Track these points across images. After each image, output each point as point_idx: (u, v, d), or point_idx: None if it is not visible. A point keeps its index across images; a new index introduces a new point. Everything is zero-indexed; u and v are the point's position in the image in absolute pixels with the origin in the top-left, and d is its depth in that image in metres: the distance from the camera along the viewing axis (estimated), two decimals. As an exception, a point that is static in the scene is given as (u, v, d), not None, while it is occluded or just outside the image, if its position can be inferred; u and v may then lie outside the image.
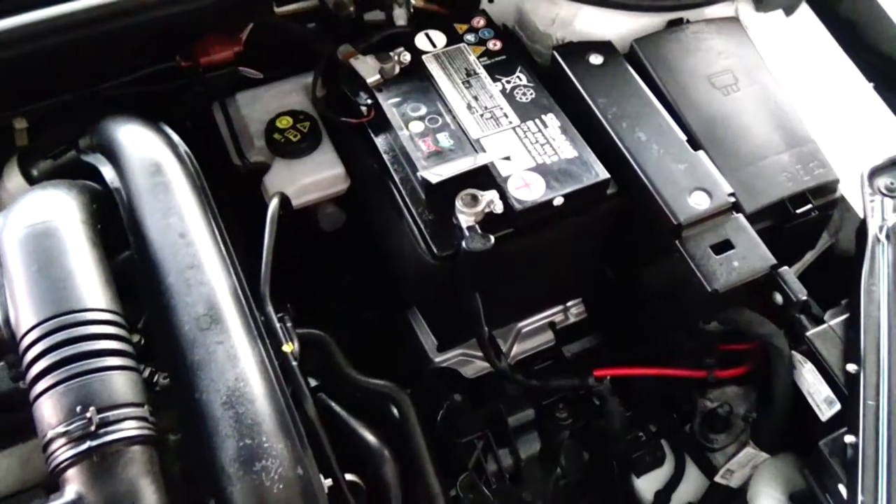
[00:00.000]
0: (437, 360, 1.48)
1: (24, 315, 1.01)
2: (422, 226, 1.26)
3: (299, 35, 1.50)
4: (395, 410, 1.33)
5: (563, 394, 1.48)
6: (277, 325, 1.15)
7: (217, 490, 0.97)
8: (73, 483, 0.92)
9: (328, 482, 1.07)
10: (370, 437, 1.26)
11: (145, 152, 1.21)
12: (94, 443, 0.92)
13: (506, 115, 1.35)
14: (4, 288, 1.04)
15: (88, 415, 0.92)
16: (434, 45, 1.46)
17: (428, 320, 1.48)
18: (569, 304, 1.56)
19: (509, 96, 1.38)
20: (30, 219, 1.09)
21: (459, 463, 1.41)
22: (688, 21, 1.53)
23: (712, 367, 1.42)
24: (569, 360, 1.53)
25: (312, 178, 1.44)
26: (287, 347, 1.13)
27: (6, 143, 1.47)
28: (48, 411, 0.94)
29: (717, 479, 1.46)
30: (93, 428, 0.92)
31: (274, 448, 0.99)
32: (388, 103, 1.36)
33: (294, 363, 1.12)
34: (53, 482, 0.96)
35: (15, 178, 1.34)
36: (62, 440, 0.92)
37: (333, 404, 1.32)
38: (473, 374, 1.50)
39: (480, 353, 1.48)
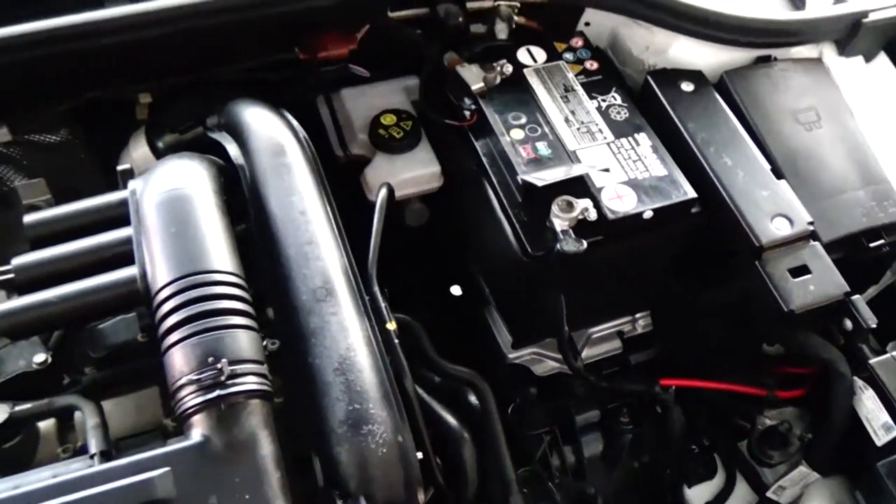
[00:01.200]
0: (511, 356, 1.54)
1: (161, 272, 1.07)
2: (517, 226, 1.32)
3: (410, 39, 1.57)
4: (471, 398, 1.39)
5: (629, 399, 1.53)
6: (382, 304, 1.21)
7: (325, 448, 1.03)
8: (199, 427, 0.98)
9: (419, 455, 1.13)
10: (451, 419, 1.31)
11: (270, 134, 1.28)
12: (223, 392, 0.98)
13: (601, 131, 1.41)
14: (143, 245, 1.11)
15: (219, 366, 0.99)
16: (535, 60, 1.53)
17: (505, 318, 1.54)
18: (637, 315, 1.61)
19: (604, 113, 1.44)
20: (168, 185, 1.16)
21: (523, 454, 1.46)
22: (775, 59, 1.58)
23: (772, 386, 1.47)
24: (633, 368, 1.58)
25: (411, 173, 1.51)
26: (390, 325, 1.20)
27: (129, 117, 1.57)
28: (180, 360, 1.01)
29: (769, 494, 1.51)
30: (223, 378, 0.98)
31: (379, 415, 1.05)
32: (491, 110, 1.43)
33: (396, 340, 1.19)
34: (178, 426, 1.04)
35: (141, 148, 1.43)
36: (192, 387, 0.98)
37: (416, 386, 1.37)
38: (543, 373, 1.56)
39: (551, 353, 1.55)
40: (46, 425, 1.17)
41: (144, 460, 0.97)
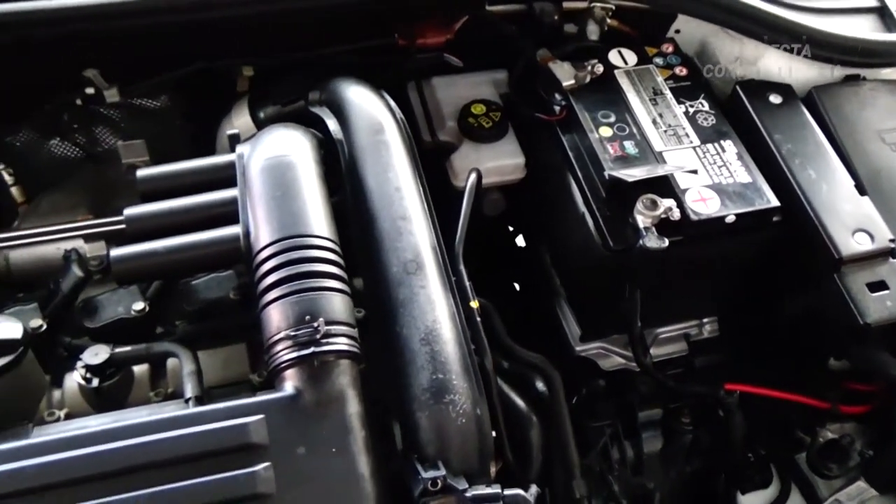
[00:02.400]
0: (578, 349, 1.55)
1: (264, 232, 1.11)
2: (600, 220, 1.34)
3: (505, 33, 1.59)
4: (538, 384, 1.41)
5: (692, 400, 1.54)
6: (467, 283, 1.24)
7: (407, 414, 1.06)
8: (291, 381, 1.01)
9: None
10: (519, 402, 1.33)
11: (371, 113, 1.32)
12: (317, 349, 1.01)
13: (687, 135, 1.42)
14: (248, 207, 1.15)
15: (316, 324, 1.02)
16: (625, 62, 1.54)
17: (575, 311, 1.55)
18: (704, 319, 1.62)
19: (691, 119, 1.45)
20: (274, 151, 1.20)
21: (583, 445, 1.47)
22: (864, 78, 1.58)
23: (836, 400, 1.46)
24: (697, 371, 1.58)
25: (496, 163, 1.54)
26: (474, 304, 1.22)
27: (227, 88, 1.62)
28: (277, 317, 1.04)
29: (825, 505, 1.50)
30: (318, 336, 1.02)
31: (460, 386, 1.07)
32: (581, 107, 1.45)
33: (478, 319, 1.21)
34: (268, 380, 1.07)
35: (243, 117, 1.47)
36: (288, 343, 1.02)
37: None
38: (608, 368, 1.57)
39: (618, 349, 1.56)
40: (140, 370, 1.21)
41: (240, 406, 1.00)
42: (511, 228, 1.88)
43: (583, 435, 1.46)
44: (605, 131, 1.42)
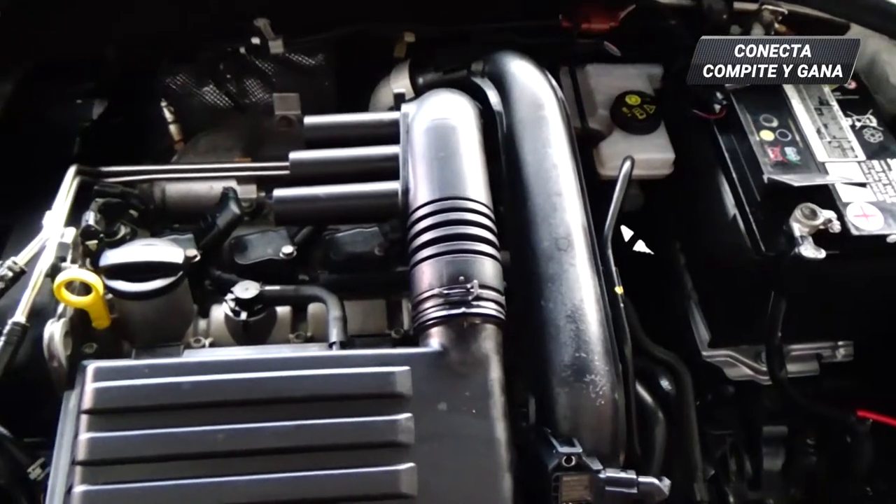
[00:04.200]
0: (705, 354, 1.51)
1: (423, 190, 1.11)
2: (752, 224, 1.29)
3: (668, 26, 1.56)
4: (663, 382, 1.37)
5: (820, 422, 1.47)
6: (614, 268, 1.21)
7: (545, 388, 1.04)
8: (438, 338, 1.01)
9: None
10: (647, 397, 1.30)
11: (533, 88, 1.30)
12: (469, 310, 1.00)
13: (852, 149, 1.36)
14: (409, 164, 1.16)
15: (469, 285, 1.02)
16: (791, 69, 1.49)
17: (707, 315, 1.50)
18: (839, 342, 1.54)
19: (858, 133, 1.39)
20: (440, 113, 1.20)
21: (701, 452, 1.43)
22: None
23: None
24: (826, 393, 1.51)
25: (645, 155, 1.50)
26: (619, 290, 1.19)
27: (381, 53, 1.63)
28: (430, 274, 1.04)
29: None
30: (469, 298, 1.01)
31: (601, 368, 1.05)
32: (742, 108, 1.41)
33: (622, 305, 1.18)
34: (413, 336, 1.07)
35: (402, 81, 1.48)
36: (438, 300, 1.01)
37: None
38: (734, 377, 1.52)
39: (747, 360, 1.50)
40: (283, 311, 1.23)
41: (386, 356, 1.01)
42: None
43: (701, 441, 1.42)
44: (767, 135, 1.37)
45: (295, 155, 1.20)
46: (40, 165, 1.39)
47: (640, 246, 1.92)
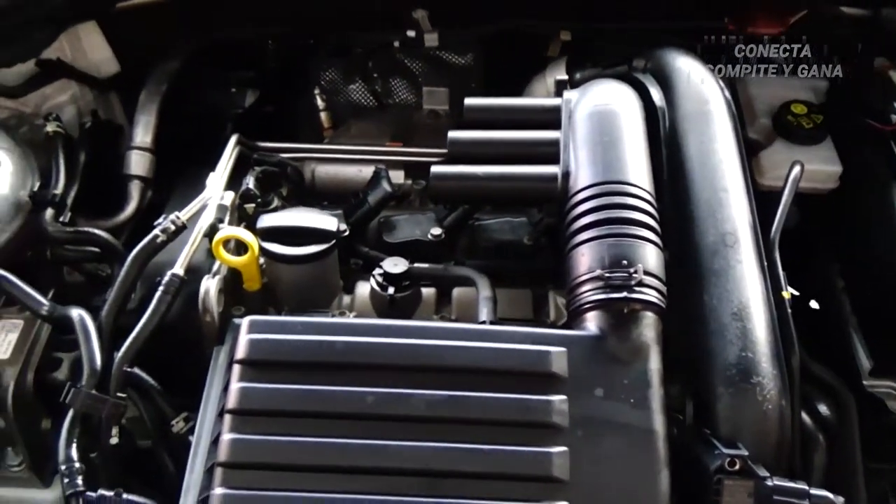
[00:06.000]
0: (867, 383, 1.39)
1: (585, 173, 1.07)
2: (931, 245, 1.19)
3: (841, 35, 1.47)
4: (820, 406, 1.26)
5: None
6: (781, 271, 1.13)
7: (707, 387, 0.97)
8: (595, 322, 0.96)
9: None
10: (806, 418, 1.20)
11: (700, 84, 1.24)
12: (630, 295, 0.94)
13: None
14: (570, 149, 1.12)
15: (632, 269, 0.96)
16: (978, 85, 1.38)
17: (871, 342, 1.39)
18: None
19: None
20: (604, 99, 1.16)
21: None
22: None
23: None
24: None
25: (809, 167, 1.40)
26: (786, 294, 1.11)
27: (535, 55, 1.60)
28: (590, 257, 0.98)
29: None
30: (632, 283, 0.96)
31: (769, 371, 0.97)
32: (924, 119, 1.31)
33: (789, 311, 1.10)
34: (569, 318, 1.02)
35: (559, 75, 1.45)
36: (598, 283, 0.96)
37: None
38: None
39: (911, 393, 1.38)
40: (427, 292, 1.20)
41: (543, 335, 0.96)
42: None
43: (860, 473, 1.30)
44: (951, 149, 1.26)
45: (454, 133, 1.17)
46: (195, 142, 1.43)
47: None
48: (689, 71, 1.27)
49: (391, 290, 1.13)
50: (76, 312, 1.06)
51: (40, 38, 1.34)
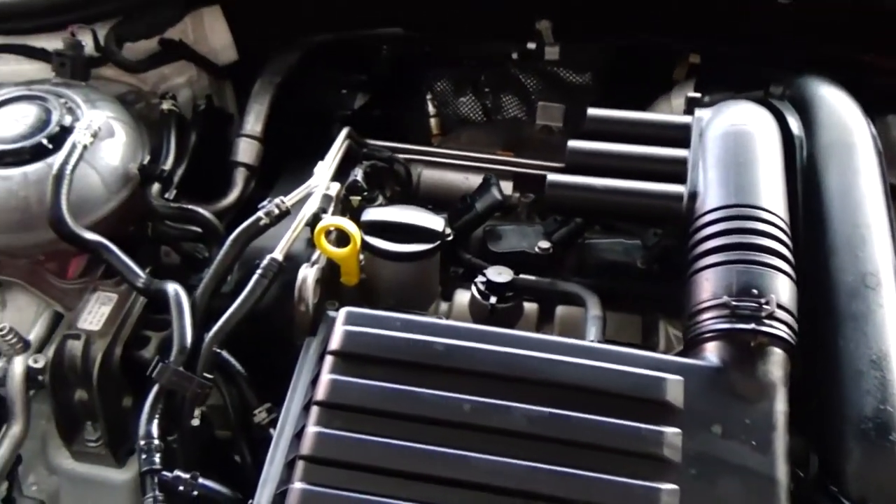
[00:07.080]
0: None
1: (715, 195, 0.99)
2: None
3: None
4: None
5: None
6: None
7: (836, 438, 0.87)
8: (716, 353, 0.87)
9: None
10: None
11: (843, 113, 1.15)
12: (759, 327, 0.86)
13: None
14: (699, 169, 1.04)
15: (763, 300, 0.87)
16: None
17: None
18: None
19: None
20: (740, 120, 1.08)
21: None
22: None
23: None
24: None
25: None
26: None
27: (653, 75, 1.53)
28: (715, 283, 0.90)
29: None
30: (762, 314, 0.87)
31: (911, 428, 0.87)
32: None
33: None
34: (687, 345, 0.94)
35: (683, 98, 1.37)
36: (724, 311, 0.87)
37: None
38: None
39: None
40: (529, 307, 1.14)
41: (659, 360, 0.88)
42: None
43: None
44: None
45: (574, 143, 1.11)
46: (301, 139, 1.41)
47: None
48: (832, 100, 1.18)
49: (493, 299, 1.07)
50: (172, 287, 1.03)
51: (167, 16, 1.35)
